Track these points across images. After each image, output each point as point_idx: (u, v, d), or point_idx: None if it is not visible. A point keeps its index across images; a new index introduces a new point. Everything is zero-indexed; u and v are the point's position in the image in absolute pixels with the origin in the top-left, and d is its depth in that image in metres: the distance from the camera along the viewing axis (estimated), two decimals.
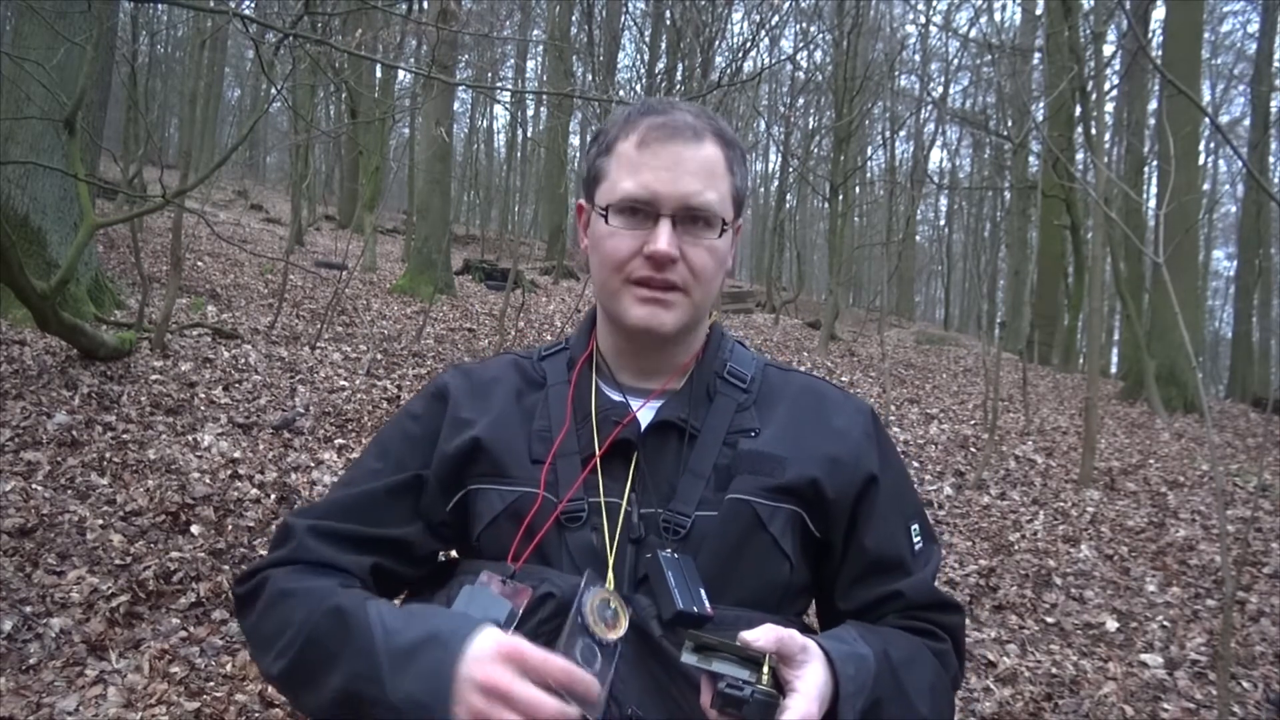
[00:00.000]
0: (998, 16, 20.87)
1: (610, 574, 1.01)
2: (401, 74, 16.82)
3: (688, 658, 0.89)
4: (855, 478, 1.09)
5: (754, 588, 1.04)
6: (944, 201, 29.63)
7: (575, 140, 21.70)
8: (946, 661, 1.10)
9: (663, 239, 1.04)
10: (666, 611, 0.96)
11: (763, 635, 0.90)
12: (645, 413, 1.10)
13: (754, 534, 1.04)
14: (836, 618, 1.12)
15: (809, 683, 0.90)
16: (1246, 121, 21.46)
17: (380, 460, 1.13)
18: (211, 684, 2.96)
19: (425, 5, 12.75)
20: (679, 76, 12.64)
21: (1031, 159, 16.59)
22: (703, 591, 0.98)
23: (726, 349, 1.17)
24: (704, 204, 1.06)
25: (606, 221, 1.07)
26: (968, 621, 4.25)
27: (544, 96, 18.22)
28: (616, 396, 1.12)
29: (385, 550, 1.10)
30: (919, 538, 1.13)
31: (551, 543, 1.03)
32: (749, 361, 1.17)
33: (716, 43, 11.98)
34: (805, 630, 1.09)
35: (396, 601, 1.08)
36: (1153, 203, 15.62)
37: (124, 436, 4.62)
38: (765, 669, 0.89)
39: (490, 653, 0.88)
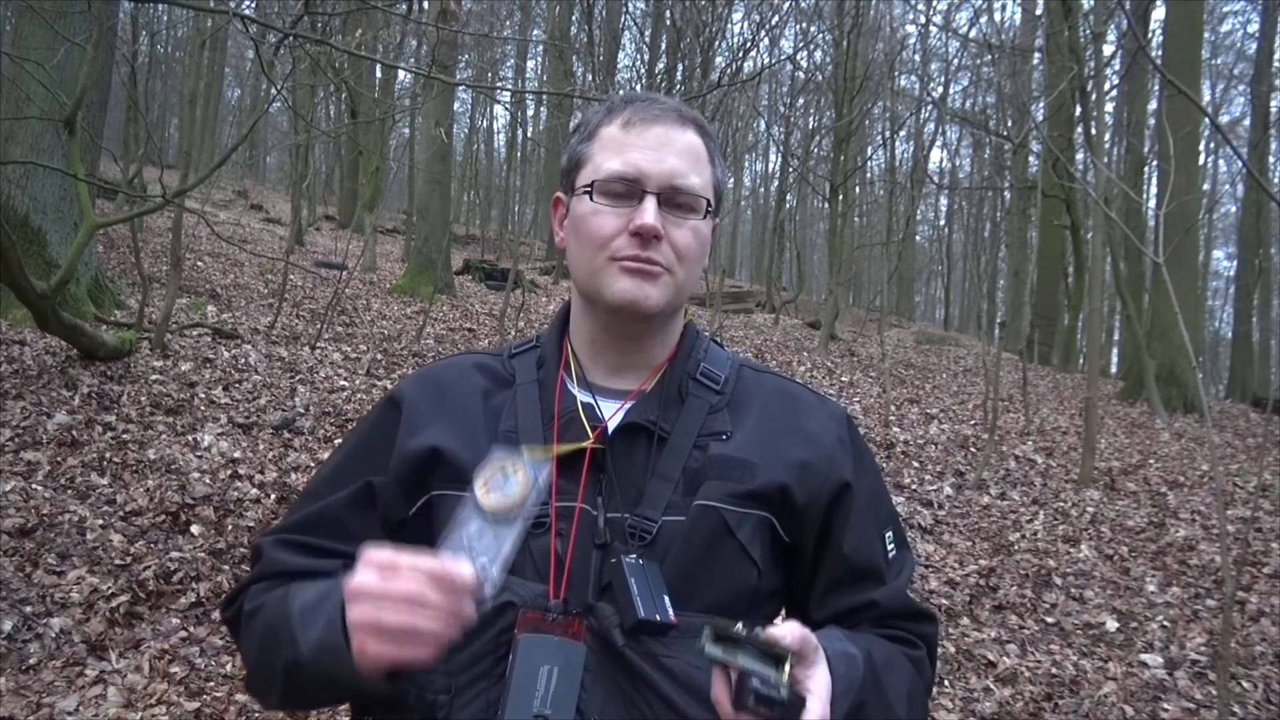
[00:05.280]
0: (998, 16, 20.86)
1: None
2: (401, 74, 16.83)
3: (711, 649, 0.84)
4: (827, 484, 1.07)
5: (721, 594, 1.02)
6: (944, 201, 29.64)
7: None
8: (922, 669, 1.09)
9: (649, 214, 1.03)
10: (628, 620, 0.94)
11: (789, 632, 0.88)
12: (615, 415, 1.08)
13: (721, 540, 1.02)
14: (810, 627, 1.11)
15: (819, 683, 0.88)
16: (1246, 121, 21.50)
17: (339, 471, 1.13)
18: (211, 684, 2.96)
19: (425, 5, 12.75)
20: (679, 76, 12.64)
21: (1031, 159, 16.59)
22: (666, 599, 0.96)
23: (700, 349, 1.15)
24: (689, 185, 1.05)
25: (591, 199, 1.06)
26: (967, 621, 4.25)
27: (544, 96, 18.22)
28: (586, 398, 1.09)
29: (351, 560, 1.08)
30: (893, 545, 1.12)
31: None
32: (723, 361, 1.15)
33: (716, 43, 12.00)
34: None
35: None
36: (1153, 203, 15.62)
37: (124, 436, 4.62)
38: (787, 667, 0.86)
39: (361, 568, 0.88)
